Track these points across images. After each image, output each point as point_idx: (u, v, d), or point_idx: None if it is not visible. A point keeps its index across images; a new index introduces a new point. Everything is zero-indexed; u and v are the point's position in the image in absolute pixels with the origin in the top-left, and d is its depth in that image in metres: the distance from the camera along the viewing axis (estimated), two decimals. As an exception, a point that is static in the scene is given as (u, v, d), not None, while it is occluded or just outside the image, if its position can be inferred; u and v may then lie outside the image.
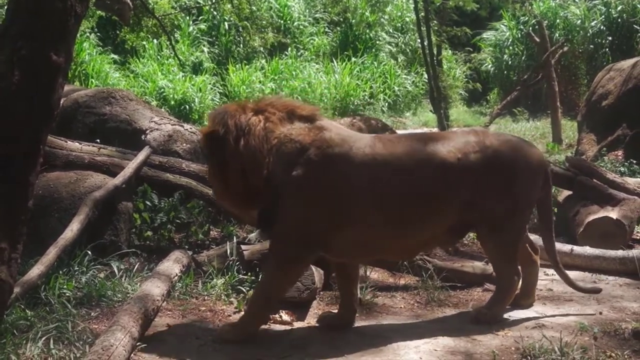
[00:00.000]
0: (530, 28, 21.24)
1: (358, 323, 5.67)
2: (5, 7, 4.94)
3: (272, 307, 5.53)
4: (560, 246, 7.22)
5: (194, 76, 21.41)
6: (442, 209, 5.44)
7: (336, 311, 5.74)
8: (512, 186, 5.58)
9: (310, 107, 5.72)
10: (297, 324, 5.68)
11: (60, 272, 6.04)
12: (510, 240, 5.70)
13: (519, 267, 5.85)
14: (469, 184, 5.43)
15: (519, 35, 24.10)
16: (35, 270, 5.62)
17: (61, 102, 4.40)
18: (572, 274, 6.88)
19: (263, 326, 5.52)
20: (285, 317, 5.73)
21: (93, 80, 20.38)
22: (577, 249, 7.16)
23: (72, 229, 6.27)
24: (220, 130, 5.40)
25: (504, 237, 5.64)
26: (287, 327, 5.62)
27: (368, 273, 6.73)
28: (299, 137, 5.37)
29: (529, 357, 4.82)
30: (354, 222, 5.30)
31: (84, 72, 20.55)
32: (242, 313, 5.63)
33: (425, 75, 19.94)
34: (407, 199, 5.36)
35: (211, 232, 7.77)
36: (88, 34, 21.28)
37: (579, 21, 23.14)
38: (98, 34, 22.41)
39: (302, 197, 5.28)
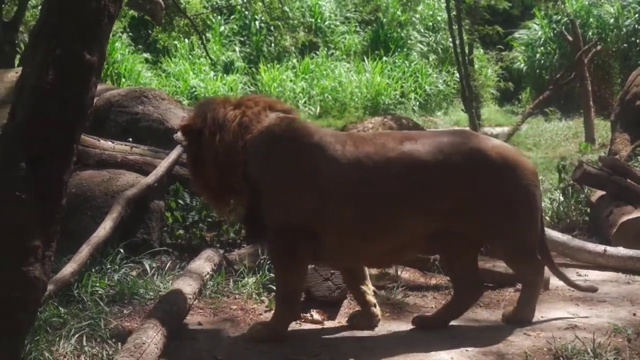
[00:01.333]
0: (563, 27, 21.07)
1: (389, 322, 5.66)
2: (40, 7, 4.98)
3: (292, 303, 5.43)
4: (593, 247, 7.18)
5: (225, 75, 21.48)
6: (418, 212, 5.20)
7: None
8: (505, 192, 5.32)
9: (289, 105, 5.80)
10: (328, 323, 5.68)
11: (93, 270, 6.08)
12: (521, 247, 5.48)
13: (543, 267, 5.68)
14: (453, 187, 5.21)
15: (552, 34, 23.91)
16: (69, 268, 5.66)
17: (94, 101, 4.42)
18: (605, 275, 6.85)
19: (294, 325, 5.53)
20: (316, 316, 5.73)
21: (125, 80, 20.51)
22: (611, 249, 7.10)
23: (105, 227, 6.32)
24: (198, 124, 5.41)
25: (512, 244, 5.47)
26: (318, 326, 5.62)
27: (399, 273, 6.71)
28: (272, 127, 5.34)
29: (562, 359, 4.79)
30: (325, 221, 5.21)
31: (116, 71, 20.69)
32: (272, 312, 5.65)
33: (457, 75, 19.84)
34: (377, 199, 5.18)
35: (242, 231, 7.78)
36: (120, 34, 21.43)
37: (612, 19, 22.92)
38: (130, 33, 22.55)
39: (278, 188, 5.26)
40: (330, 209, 5.17)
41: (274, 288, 6.17)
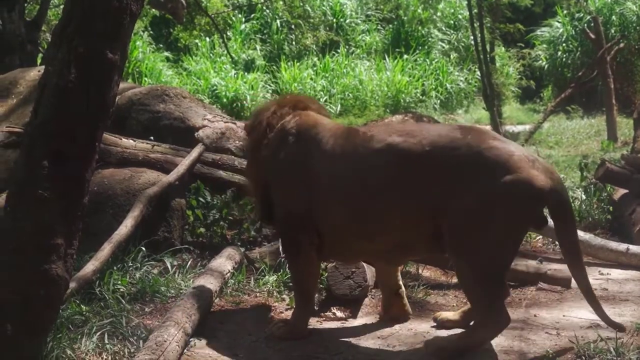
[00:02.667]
0: (585, 24, 20.95)
1: (410, 321, 5.64)
2: (62, 6, 5.01)
3: (306, 298, 5.44)
4: (615, 245, 7.14)
5: (246, 74, 21.51)
6: (406, 208, 4.92)
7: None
8: (484, 197, 4.70)
9: (318, 104, 5.84)
10: (350, 322, 5.68)
11: (115, 268, 6.11)
12: (481, 268, 4.77)
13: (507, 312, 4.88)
14: (438, 184, 4.82)
15: (574, 32, 23.78)
16: (90, 266, 5.69)
17: (116, 99, 4.44)
18: (628, 274, 6.81)
19: (315, 324, 5.54)
20: (338, 314, 5.74)
21: (146, 78, 20.59)
22: (634, 248, 7.06)
23: (126, 225, 6.34)
24: (249, 125, 5.67)
25: (472, 261, 4.79)
26: (340, 324, 5.62)
27: (420, 271, 6.70)
28: (284, 124, 5.45)
29: (584, 358, 4.76)
30: (320, 214, 5.20)
31: (137, 70, 20.77)
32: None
33: (478, 73, 19.78)
34: (362, 191, 5.03)
35: (263, 229, 7.79)
36: (142, 33, 21.50)
37: (635, 17, 22.79)
38: (152, 32, 22.64)
39: (278, 181, 5.40)
40: (322, 201, 5.17)
41: (295, 286, 6.21)
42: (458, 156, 4.78)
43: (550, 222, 4.98)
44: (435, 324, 5.52)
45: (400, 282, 5.68)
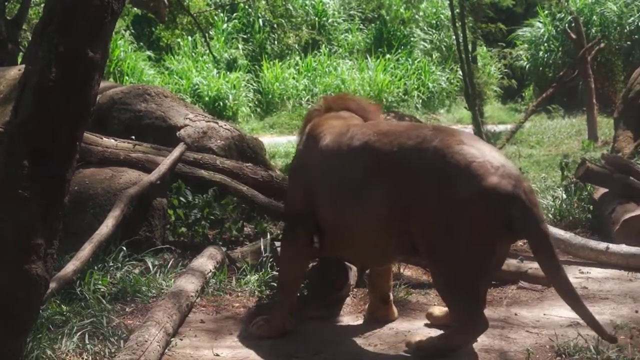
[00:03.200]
0: (566, 24, 21.05)
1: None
2: (43, 5, 4.99)
3: (288, 293, 5.47)
4: (595, 244, 7.17)
5: (228, 73, 21.50)
6: (379, 210, 4.88)
7: None
8: (449, 203, 4.63)
9: (358, 101, 5.87)
10: (331, 321, 5.68)
11: (96, 267, 6.09)
12: (453, 277, 4.74)
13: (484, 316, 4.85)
14: (408, 186, 4.77)
15: (555, 32, 23.90)
16: (71, 266, 5.67)
17: (97, 99, 4.42)
18: (607, 272, 6.84)
19: (297, 323, 5.54)
20: (319, 313, 5.74)
21: (128, 77, 20.55)
22: (613, 247, 7.09)
23: (107, 225, 6.32)
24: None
25: (443, 268, 4.80)
26: (322, 324, 5.62)
27: (401, 270, 6.71)
28: (310, 125, 5.62)
29: (564, 356, 4.79)
30: (320, 212, 5.25)
31: (119, 69, 20.73)
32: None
33: (460, 72, 19.82)
34: (341, 190, 5.09)
35: (245, 228, 7.80)
36: (123, 32, 21.44)
37: (615, 17, 22.92)
38: (133, 31, 22.57)
39: (290, 175, 5.79)
40: (319, 199, 5.23)
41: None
42: (424, 159, 4.74)
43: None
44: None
45: (390, 288, 5.69)
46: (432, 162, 4.69)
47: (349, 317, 5.76)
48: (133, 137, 8.17)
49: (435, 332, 5.17)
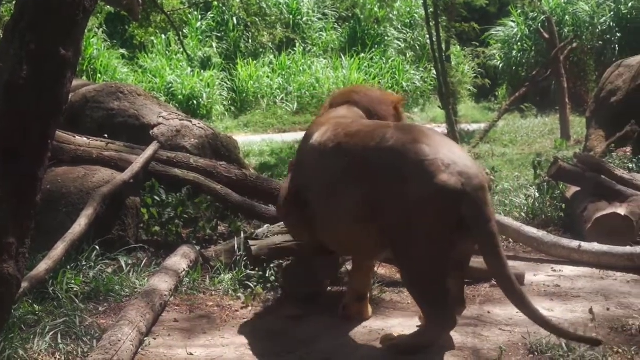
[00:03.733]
0: (539, 24, 21.17)
1: (365, 318, 5.67)
2: (14, 2, 4.95)
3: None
4: (568, 242, 7.21)
5: (202, 71, 21.45)
6: (351, 208, 4.97)
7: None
8: (402, 204, 4.69)
9: (363, 92, 5.96)
10: (305, 319, 5.68)
11: (68, 267, 6.06)
12: (416, 273, 4.82)
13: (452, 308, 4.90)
14: (368, 185, 4.87)
15: (528, 32, 24.02)
16: (43, 265, 5.63)
17: (69, 97, 4.39)
18: (579, 270, 6.89)
19: (271, 320, 5.54)
20: (293, 311, 5.74)
21: (101, 76, 20.45)
22: (585, 245, 7.14)
23: (80, 224, 6.29)
24: None
25: (407, 265, 4.91)
26: (295, 322, 5.62)
27: (375, 268, 6.72)
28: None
29: (536, 353, 4.82)
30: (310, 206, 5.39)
31: (92, 67, 20.62)
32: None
33: (434, 71, 19.88)
34: (325, 191, 5.21)
35: (219, 227, 7.78)
36: (96, 29, 21.32)
37: (587, 17, 23.08)
38: (106, 29, 22.45)
39: (289, 167, 5.99)
40: (305, 193, 5.41)
41: (250, 285, 6.22)
42: (382, 159, 4.83)
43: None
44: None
45: (369, 286, 5.70)
46: (388, 161, 4.80)
47: (323, 315, 5.75)
48: (106, 135, 8.14)
49: (409, 331, 5.17)
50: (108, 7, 18.21)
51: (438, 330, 4.86)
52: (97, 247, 6.47)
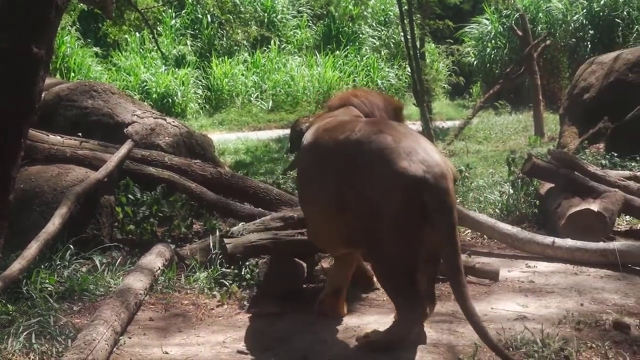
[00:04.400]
0: (513, 22, 21.29)
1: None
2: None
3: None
4: (542, 238, 7.25)
5: (176, 69, 21.41)
6: (324, 197, 5.06)
7: None
8: (365, 194, 4.77)
9: (359, 96, 5.94)
10: (281, 317, 5.68)
11: (42, 266, 6.03)
12: (386, 265, 4.86)
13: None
14: (340, 177, 4.93)
15: (502, 29, 24.15)
16: (17, 265, 5.60)
17: (42, 95, 4.37)
18: (554, 266, 6.93)
19: (246, 320, 5.54)
20: (269, 309, 5.73)
21: (75, 74, 20.36)
22: (559, 241, 7.19)
23: (54, 223, 6.26)
24: None
25: (376, 257, 4.96)
26: (271, 320, 5.61)
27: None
28: None
29: (511, 349, 4.83)
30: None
31: (65, 65, 20.53)
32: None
33: (408, 69, 19.95)
34: (308, 184, 5.38)
35: (194, 225, 7.77)
36: (70, 28, 21.21)
37: (561, 15, 23.23)
38: (80, 27, 22.34)
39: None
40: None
41: (226, 283, 6.21)
42: (349, 151, 4.90)
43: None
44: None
45: (346, 282, 5.70)
46: (354, 151, 4.87)
47: (300, 313, 5.75)
48: (80, 134, 8.09)
49: (384, 327, 5.18)
50: (81, 5, 18.10)
51: (408, 324, 4.86)
52: (72, 246, 6.44)
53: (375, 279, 5.77)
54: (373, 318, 5.57)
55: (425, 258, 4.89)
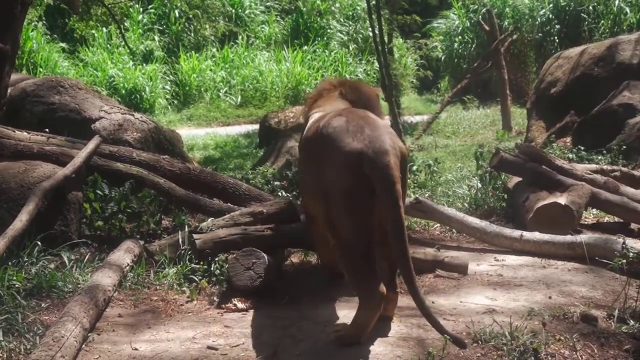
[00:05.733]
0: (480, 16, 21.40)
1: (311, 310, 5.67)
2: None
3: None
4: (510, 232, 7.30)
5: (144, 65, 21.31)
6: (309, 181, 5.41)
7: None
8: (323, 173, 5.00)
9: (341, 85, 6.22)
10: (251, 312, 5.68)
11: (10, 263, 5.98)
12: (337, 238, 5.03)
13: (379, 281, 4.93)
14: (316, 165, 5.19)
15: (469, 24, 24.29)
16: (-16, 262, 5.55)
17: (8, 91, 4.33)
18: (522, 259, 6.98)
19: (216, 315, 5.53)
20: (238, 304, 5.73)
21: (41, 69, 20.21)
22: (527, 234, 7.24)
23: (21, 219, 6.21)
24: None
25: (330, 230, 5.12)
26: (241, 315, 5.61)
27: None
28: None
29: (480, 342, 4.86)
30: None
31: (32, 61, 20.36)
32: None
33: (377, 64, 19.98)
34: (302, 174, 5.77)
35: (163, 221, 7.74)
36: (36, 22, 21.04)
37: (527, 9, 23.38)
38: (46, 22, 22.17)
39: None
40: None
41: (195, 279, 6.20)
42: (316, 138, 5.18)
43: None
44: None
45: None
46: (317, 137, 5.15)
47: (269, 308, 5.76)
48: (47, 130, 8.03)
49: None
50: (47, -1, 17.97)
51: (369, 310, 4.89)
52: (39, 243, 6.39)
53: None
54: (343, 313, 5.58)
55: (381, 239, 4.95)
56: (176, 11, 23.28)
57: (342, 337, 4.93)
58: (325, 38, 24.68)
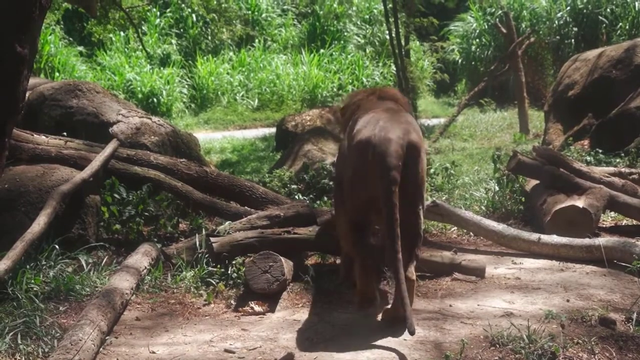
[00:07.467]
0: (497, 19, 21.34)
1: (328, 313, 5.67)
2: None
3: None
4: (528, 235, 7.27)
5: (161, 69, 21.37)
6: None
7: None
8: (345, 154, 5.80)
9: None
10: (268, 316, 5.68)
11: (28, 266, 5.99)
12: (345, 219, 5.75)
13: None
14: None
15: (486, 27, 24.22)
16: (2, 265, 5.56)
17: (26, 94, 4.35)
18: (539, 263, 6.95)
19: (233, 318, 5.53)
20: (256, 308, 5.73)
21: (59, 73, 20.29)
22: (545, 237, 7.21)
23: (39, 222, 6.22)
24: None
25: (340, 213, 5.93)
26: (258, 319, 5.62)
27: (338, 261, 6.73)
28: None
29: (498, 345, 4.85)
30: None
31: (50, 64, 20.45)
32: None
33: (393, 67, 19.98)
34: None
35: (180, 224, 7.75)
36: (54, 27, 21.13)
37: (545, 12, 23.30)
38: (64, 26, 22.27)
39: None
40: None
41: (212, 282, 6.20)
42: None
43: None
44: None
45: None
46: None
47: (286, 311, 5.76)
48: (65, 133, 8.06)
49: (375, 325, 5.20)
50: (65, 3, 18.04)
51: (362, 278, 5.47)
52: (57, 246, 6.41)
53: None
54: (360, 315, 5.57)
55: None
56: (193, 15, 23.34)
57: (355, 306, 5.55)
58: (342, 41, 24.66)
